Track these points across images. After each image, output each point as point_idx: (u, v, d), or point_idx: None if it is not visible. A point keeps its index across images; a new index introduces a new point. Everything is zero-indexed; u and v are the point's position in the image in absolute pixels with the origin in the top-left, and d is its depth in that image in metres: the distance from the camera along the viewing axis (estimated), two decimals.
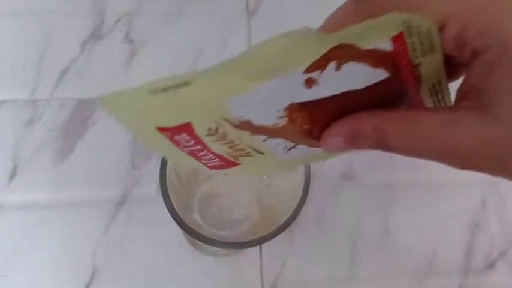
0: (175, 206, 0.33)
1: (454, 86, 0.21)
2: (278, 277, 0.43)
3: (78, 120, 0.46)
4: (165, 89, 0.19)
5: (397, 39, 0.18)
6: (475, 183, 0.46)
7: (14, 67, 0.47)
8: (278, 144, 0.24)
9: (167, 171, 0.33)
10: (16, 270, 0.42)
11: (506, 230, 0.46)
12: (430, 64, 0.19)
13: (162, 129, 0.22)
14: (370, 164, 0.47)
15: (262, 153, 0.25)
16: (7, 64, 0.47)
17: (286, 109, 0.21)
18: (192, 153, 0.25)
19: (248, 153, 0.25)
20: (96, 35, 0.49)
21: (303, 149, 0.24)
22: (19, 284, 0.41)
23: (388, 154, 0.20)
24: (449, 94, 0.20)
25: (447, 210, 0.46)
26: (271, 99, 0.20)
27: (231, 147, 0.24)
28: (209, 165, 0.26)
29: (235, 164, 0.27)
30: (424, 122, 0.19)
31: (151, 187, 0.44)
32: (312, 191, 0.35)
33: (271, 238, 0.34)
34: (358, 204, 0.46)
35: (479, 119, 0.17)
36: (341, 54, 0.18)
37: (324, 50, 0.18)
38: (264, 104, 0.20)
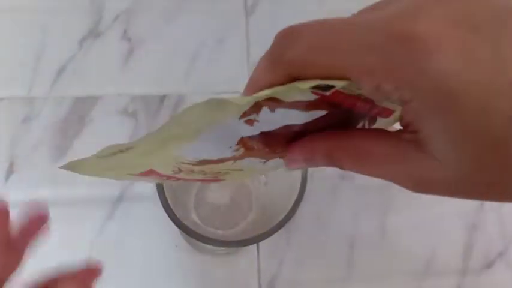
0: (171, 205, 0.33)
1: None
2: (275, 276, 0.43)
3: (75, 118, 0.46)
4: (113, 153, 0.21)
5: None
6: None
7: (11, 64, 0.47)
8: (250, 161, 0.24)
9: None
10: None
11: (504, 230, 0.46)
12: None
13: (132, 174, 0.24)
14: None
15: (241, 170, 0.26)
16: (4, 61, 0.47)
17: (238, 143, 0.21)
18: (171, 179, 0.26)
19: (226, 172, 0.26)
20: (93, 33, 0.49)
21: (278, 160, 0.24)
22: None
23: None
24: None
25: (445, 211, 0.46)
26: (217, 141, 0.21)
27: (205, 174, 0.25)
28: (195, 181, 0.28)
29: (220, 180, 0.28)
30: (372, 152, 0.20)
31: (148, 186, 0.44)
32: (310, 190, 0.35)
33: (268, 236, 0.34)
34: (355, 204, 0.46)
35: (417, 155, 0.18)
36: (269, 104, 0.18)
37: (245, 109, 0.18)
38: (213, 146, 0.21)
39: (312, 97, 0.18)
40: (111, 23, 0.49)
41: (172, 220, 0.33)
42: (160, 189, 0.33)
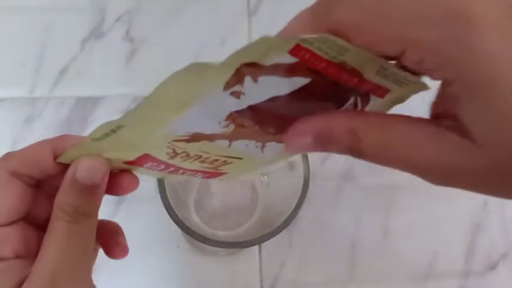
0: (173, 205, 0.33)
1: None
2: (277, 277, 0.43)
3: (77, 118, 0.46)
4: (107, 134, 0.21)
5: (296, 51, 0.17)
6: None
7: (13, 65, 0.47)
8: (247, 145, 0.23)
9: None
10: None
11: (508, 232, 0.46)
12: (355, 58, 0.18)
13: (128, 163, 0.23)
14: (370, 164, 0.46)
15: (240, 158, 0.25)
16: (6, 62, 0.47)
17: (227, 118, 0.21)
18: (172, 173, 0.25)
19: (225, 161, 0.25)
20: (96, 33, 0.49)
21: (275, 146, 0.24)
22: None
23: None
24: (406, 74, 0.19)
25: (448, 212, 0.46)
26: (206, 115, 0.20)
27: (203, 162, 0.25)
28: (197, 177, 0.27)
29: (222, 173, 0.27)
30: (403, 133, 0.18)
31: (150, 186, 0.44)
32: (312, 192, 0.35)
33: (270, 238, 0.34)
34: (357, 205, 0.46)
35: (462, 143, 0.17)
36: (250, 70, 0.18)
37: (227, 77, 0.18)
38: (202, 120, 0.21)
39: (289, 59, 0.17)
40: (114, 24, 0.49)
41: (174, 221, 0.33)
42: (162, 189, 0.33)
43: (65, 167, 0.23)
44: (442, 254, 0.45)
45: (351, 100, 0.20)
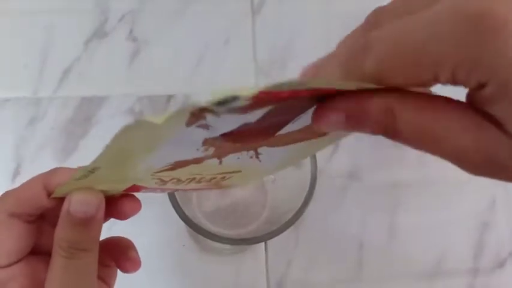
0: (180, 203, 0.33)
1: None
2: (283, 276, 0.43)
3: (81, 119, 0.46)
4: (85, 176, 0.21)
5: (256, 99, 0.16)
6: (484, 182, 0.45)
7: (17, 65, 0.47)
8: (238, 158, 0.23)
9: None
10: None
11: None
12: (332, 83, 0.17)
13: (124, 191, 0.24)
14: (377, 163, 0.46)
15: (238, 171, 0.24)
16: (10, 62, 0.47)
17: (204, 144, 0.20)
18: (169, 190, 0.26)
19: (223, 177, 0.25)
20: (99, 34, 0.48)
21: (274, 152, 0.23)
22: None
23: (395, 152, 0.18)
24: None
25: (456, 210, 0.46)
26: (181, 146, 0.20)
27: (199, 182, 0.25)
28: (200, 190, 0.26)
29: (224, 187, 0.27)
30: (441, 118, 0.17)
31: None
32: (318, 190, 0.35)
33: (277, 235, 0.34)
34: (364, 203, 0.45)
35: (500, 136, 0.17)
36: (206, 113, 0.17)
37: (184, 121, 0.17)
38: (179, 150, 0.20)
39: (246, 102, 0.16)
40: (117, 24, 0.49)
41: (181, 218, 0.32)
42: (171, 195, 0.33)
43: (63, 199, 0.23)
44: (450, 253, 0.44)
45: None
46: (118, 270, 0.28)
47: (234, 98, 0.15)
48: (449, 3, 0.16)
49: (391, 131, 0.18)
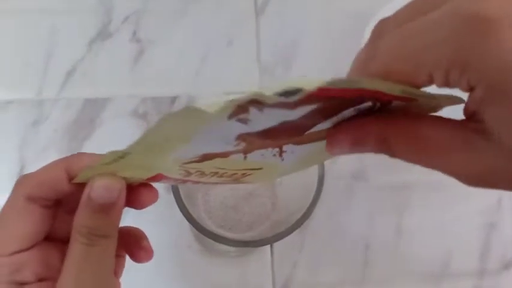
0: (186, 204, 0.33)
1: None
2: (289, 279, 0.43)
3: (85, 120, 0.46)
4: (115, 160, 0.21)
5: (314, 93, 0.17)
6: None
7: (20, 67, 0.47)
8: (263, 154, 0.23)
9: None
10: None
11: None
12: (376, 84, 0.18)
13: (145, 180, 0.24)
14: (383, 164, 0.46)
15: (260, 168, 0.25)
16: (13, 64, 0.47)
17: (237, 139, 0.21)
18: (190, 183, 0.25)
19: (244, 174, 0.25)
20: (103, 34, 0.48)
21: (297, 149, 0.23)
22: None
23: None
24: (424, 92, 0.19)
25: (462, 211, 0.45)
26: (214, 139, 0.20)
27: (220, 176, 0.25)
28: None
29: (243, 182, 0.27)
30: (433, 139, 0.19)
31: (160, 186, 0.43)
32: (324, 191, 0.35)
33: (283, 237, 0.33)
34: (370, 204, 0.45)
35: (488, 145, 0.18)
36: (253, 105, 0.17)
37: (229, 112, 0.18)
38: (210, 143, 0.21)
39: (294, 98, 0.17)
40: (121, 25, 0.49)
41: (188, 219, 0.32)
42: (175, 188, 0.32)
43: (82, 185, 0.23)
44: (456, 254, 0.44)
45: (369, 103, 0.20)
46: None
47: (298, 90, 0.16)
48: (449, 8, 0.17)
49: (389, 154, 0.20)
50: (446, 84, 0.17)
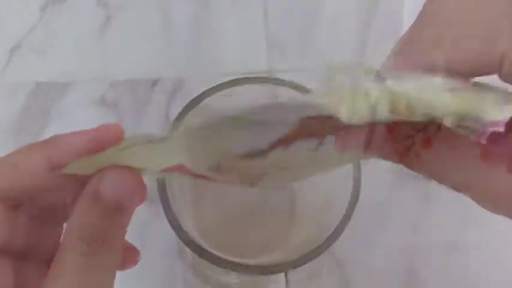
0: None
1: None
2: None
3: (36, 111, 0.41)
4: (141, 144, 0.20)
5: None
6: None
7: None
8: (299, 148, 0.23)
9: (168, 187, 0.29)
10: None
11: None
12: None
13: (162, 170, 0.23)
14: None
15: (284, 168, 0.25)
16: None
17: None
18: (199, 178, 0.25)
19: (265, 173, 0.25)
20: None
21: (332, 141, 0.23)
22: None
23: None
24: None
25: None
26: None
27: (247, 171, 0.25)
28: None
29: (253, 184, 0.27)
30: (451, 164, 0.21)
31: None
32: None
33: (306, 262, 0.28)
34: (412, 217, 0.39)
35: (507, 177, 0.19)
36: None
37: None
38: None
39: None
40: None
41: (183, 240, 0.28)
42: (167, 207, 0.28)
43: (72, 177, 0.20)
44: None
45: None
46: None
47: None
48: None
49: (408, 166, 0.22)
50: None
